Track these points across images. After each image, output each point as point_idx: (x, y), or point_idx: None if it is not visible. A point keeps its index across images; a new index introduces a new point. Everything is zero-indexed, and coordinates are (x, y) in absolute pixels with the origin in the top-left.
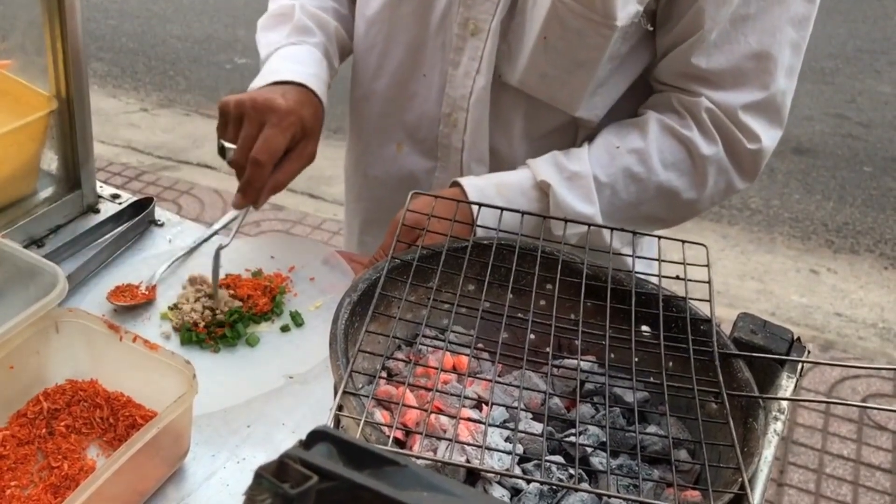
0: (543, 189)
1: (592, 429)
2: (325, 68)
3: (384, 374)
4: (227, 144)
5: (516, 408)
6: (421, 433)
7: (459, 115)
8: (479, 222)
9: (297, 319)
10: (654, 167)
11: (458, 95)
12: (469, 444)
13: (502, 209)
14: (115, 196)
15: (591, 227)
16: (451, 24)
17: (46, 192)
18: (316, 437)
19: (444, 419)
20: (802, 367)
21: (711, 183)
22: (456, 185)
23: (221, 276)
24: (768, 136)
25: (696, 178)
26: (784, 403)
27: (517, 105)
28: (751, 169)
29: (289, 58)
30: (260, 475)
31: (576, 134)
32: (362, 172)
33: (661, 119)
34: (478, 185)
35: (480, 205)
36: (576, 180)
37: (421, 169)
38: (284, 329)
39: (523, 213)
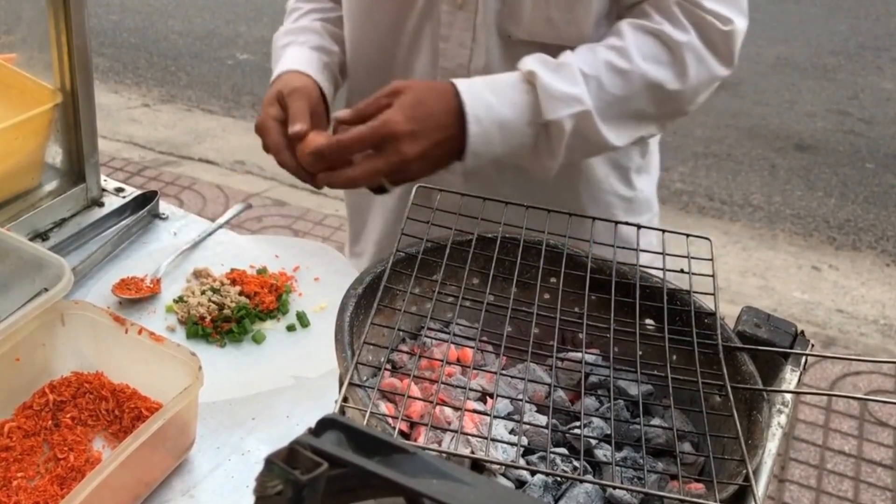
0: (530, 80)
1: (597, 421)
2: (304, 53)
3: (389, 367)
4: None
5: (521, 400)
6: (426, 425)
7: None
8: (471, 127)
9: (304, 320)
10: (634, 59)
11: (454, 66)
12: (474, 436)
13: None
14: (119, 190)
15: (583, 114)
16: (439, 3)
17: (51, 186)
18: (325, 424)
19: (448, 411)
20: (806, 360)
21: (693, 72)
22: (450, 84)
23: (227, 270)
24: (738, 21)
25: (677, 67)
26: (788, 397)
27: (531, 54)
28: (727, 53)
29: (274, 75)
30: (271, 462)
31: None
32: None
33: (633, 21)
34: (469, 82)
35: (484, 199)
36: (561, 68)
37: None
38: (290, 328)
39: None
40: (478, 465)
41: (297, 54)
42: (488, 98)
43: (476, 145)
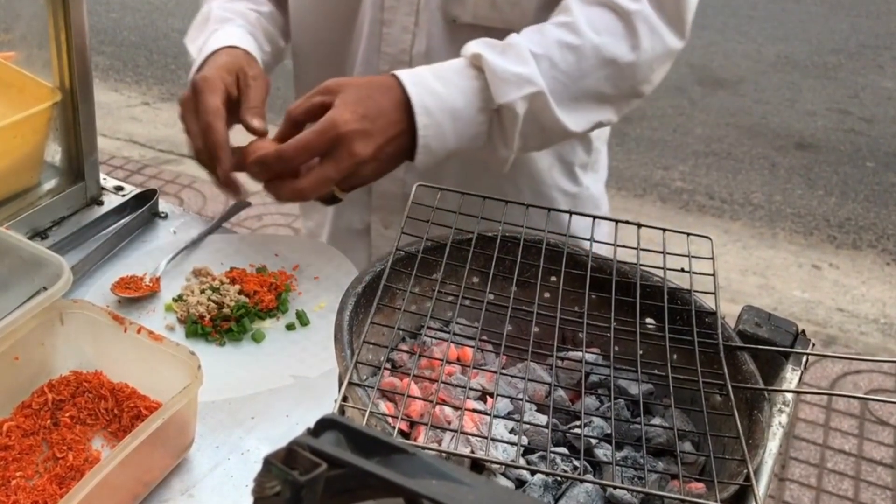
0: (476, 63)
1: (597, 421)
2: (251, 40)
3: (388, 366)
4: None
5: (521, 399)
6: (426, 424)
7: (401, 69)
8: (420, 119)
9: (303, 319)
10: (585, 33)
11: (396, 51)
12: (474, 436)
13: (529, 205)
14: (119, 188)
15: (536, 95)
16: None
17: (50, 184)
18: (324, 424)
19: (448, 410)
20: (807, 359)
21: (646, 44)
22: (392, 77)
23: (226, 268)
24: None
25: (630, 39)
26: (789, 396)
27: (474, 38)
28: (679, 22)
29: (213, 40)
30: (269, 462)
31: None
32: None
33: None
34: (413, 73)
35: (485, 198)
36: (509, 49)
37: None
38: (290, 327)
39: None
40: (478, 465)
41: (243, 37)
42: (435, 87)
43: (428, 139)
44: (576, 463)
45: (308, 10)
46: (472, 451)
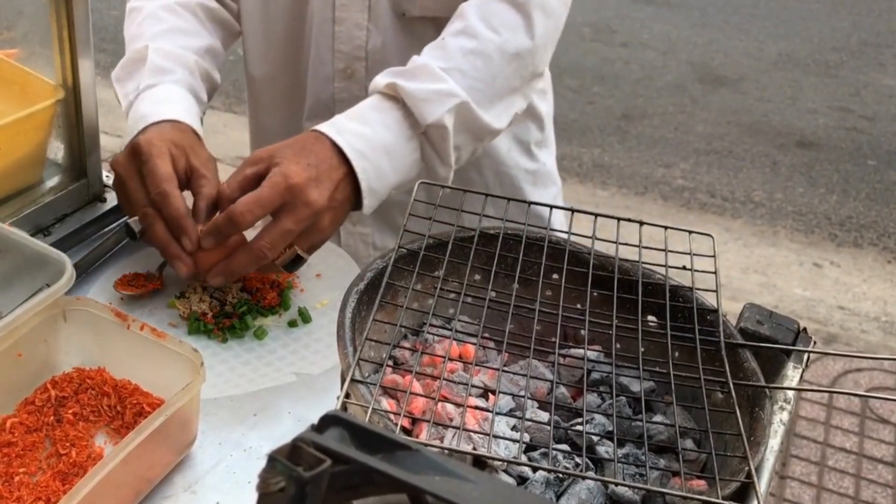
0: (391, 93)
1: (599, 418)
2: (192, 102)
3: (391, 363)
4: (130, 220)
5: (523, 397)
6: (428, 421)
7: (357, 66)
8: (356, 164)
9: (306, 316)
10: (484, 35)
11: (350, 48)
12: (476, 433)
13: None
14: None
15: (461, 106)
16: None
17: (52, 181)
18: (328, 421)
19: (450, 408)
20: (808, 357)
21: (541, 28)
22: (314, 131)
23: None
24: None
25: (527, 28)
26: (790, 393)
27: (425, 31)
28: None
29: (152, 100)
30: (274, 458)
31: None
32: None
33: None
34: (331, 124)
35: (486, 195)
36: (418, 71)
37: None
38: (292, 324)
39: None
40: (479, 462)
41: (184, 100)
42: (359, 130)
43: (370, 181)
44: (577, 460)
45: (256, 11)
46: (475, 448)
